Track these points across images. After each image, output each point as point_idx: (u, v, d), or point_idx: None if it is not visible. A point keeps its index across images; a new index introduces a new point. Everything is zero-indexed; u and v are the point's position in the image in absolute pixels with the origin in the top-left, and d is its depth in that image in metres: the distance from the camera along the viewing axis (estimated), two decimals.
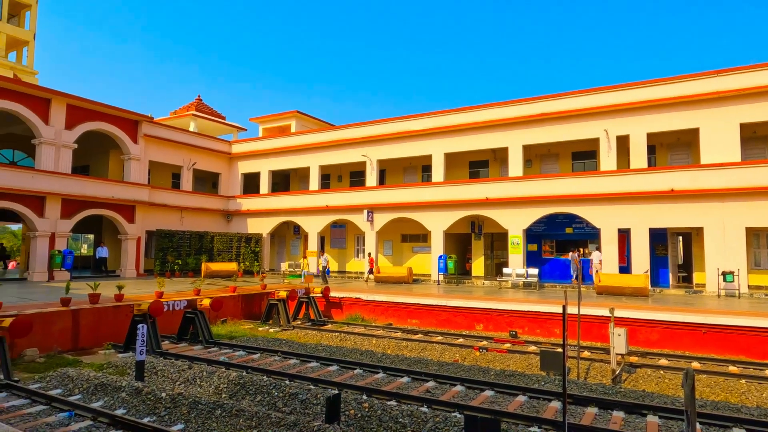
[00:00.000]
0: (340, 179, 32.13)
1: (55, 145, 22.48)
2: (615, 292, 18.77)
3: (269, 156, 31.39)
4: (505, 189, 23.29)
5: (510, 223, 23.11)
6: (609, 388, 9.86)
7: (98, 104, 24.17)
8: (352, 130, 28.58)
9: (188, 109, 35.56)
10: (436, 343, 14.26)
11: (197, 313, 14.06)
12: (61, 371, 10.13)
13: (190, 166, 29.51)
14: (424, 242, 27.89)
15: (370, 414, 7.89)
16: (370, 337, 15.18)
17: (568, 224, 24.38)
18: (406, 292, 19.38)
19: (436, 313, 17.32)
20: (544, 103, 23.02)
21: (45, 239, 21.85)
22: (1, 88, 20.83)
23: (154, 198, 26.73)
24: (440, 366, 11.85)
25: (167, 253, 26.04)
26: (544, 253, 25.39)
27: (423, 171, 28.90)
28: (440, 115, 25.73)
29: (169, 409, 8.07)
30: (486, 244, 27.15)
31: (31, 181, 21.29)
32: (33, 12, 31.19)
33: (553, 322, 15.32)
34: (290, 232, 32.83)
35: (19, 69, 30.03)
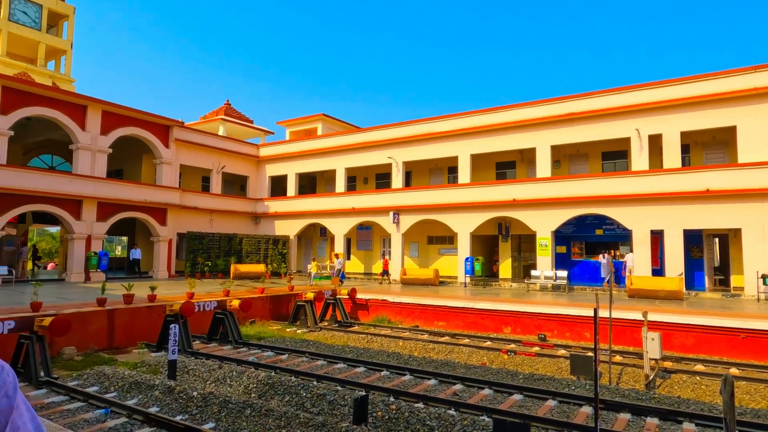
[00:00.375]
0: (365, 181, 32.25)
1: (91, 150, 23.24)
2: (648, 295, 18.29)
3: (296, 159, 31.74)
4: (532, 190, 22.98)
5: (538, 224, 22.78)
6: (642, 394, 9.61)
7: (131, 110, 24.90)
8: (378, 132, 28.66)
9: (217, 114, 36.28)
10: (463, 346, 14.16)
11: (227, 314, 14.31)
12: (97, 369, 10.45)
13: (219, 170, 30.08)
14: (451, 244, 27.74)
15: (397, 416, 7.89)
16: (396, 339, 15.17)
17: (599, 226, 23.88)
18: (432, 294, 19.30)
19: (463, 316, 17.19)
20: (572, 102, 22.64)
21: (82, 241, 22.59)
22: (41, 96, 21.68)
23: (185, 201, 27.34)
24: (467, 369, 11.76)
25: (197, 254, 26.60)
26: (574, 255, 24.92)
27: (449, 172, 28.76)
28: (466, 116, 25.57)
29: (201, 407, 8.23)
30: (513, 245, 26.83)
31: (69, 185, 22.05)
32: (70, 22, 32.35)
33: (583, 326, 15.03)
34: (317, 234, 33.10)
35: (57, 77, 31.17)
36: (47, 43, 30.91)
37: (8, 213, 20.29)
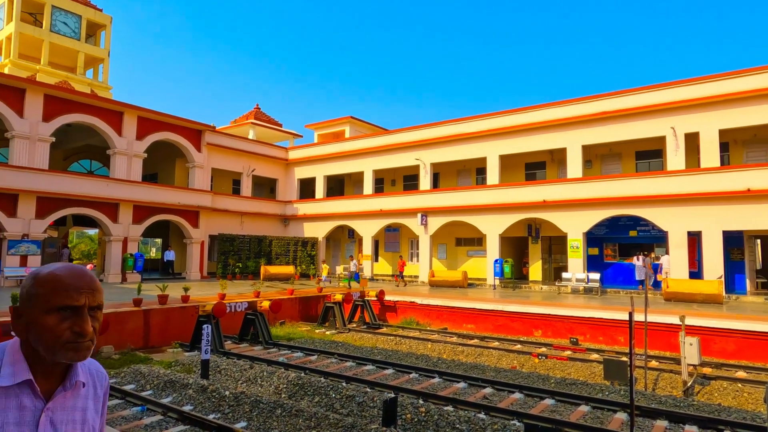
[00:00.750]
0: (393, 183, 32.27)
1: (127, 155, 23.98)
2: (685, 298, 17.71)
3: (324, 161, 32.02)
4: (563, 191, 22.56)
5: (569, 226, 22.34)
6: (680, 401, 9.31)
7: (165, 115, 25.58)
8: (406, 134, 28.65)
9: (247, 118, 36.93)
10: (493, 349, 14.00)
11: (257, 315, 14.53)
12: (133, 368, 10.76)
13: (249, 173, 30.60)
14: (479, 246, 27.48)
15: (426, 419, 7.85)
16: (425, 342, 15.12)
17: (632, 227, 23.26)
18: (461, 297, 19.16)
19: (493, 318, 17.00)
20: (605, 101, 22.14)
21: (118, 243, 23.32)
22: (81, 103, 22.50)
23: (217, 204, 27.90)
24: (497, 372, 11.63)
25: (228, 256, 27.10)
26: (606, 257, 24.35)
27: (477, 173, 28.51)
28: (495, 117, 25.31)
29: (233, 407, 8.37)
30: (544, 247, 26.39)
31: (106, 189, 22.80)
32: (107, 32, 33.48)
33: (616, 330, 14.66)
34: (345, 235, 33.30)
35: (95, 85, 32.29)
36: (86, 52, 32.04)
37: (50, 216, 21.11)
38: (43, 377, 1.25)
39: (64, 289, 1.22)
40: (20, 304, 1.26)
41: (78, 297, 1.23)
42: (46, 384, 1.26)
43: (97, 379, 1.42)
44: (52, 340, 1.21)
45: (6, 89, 20.20)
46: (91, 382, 1.39)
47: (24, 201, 20.22)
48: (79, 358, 1.25)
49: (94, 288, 1.27)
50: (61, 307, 1.21)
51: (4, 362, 1.22)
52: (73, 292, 1.22)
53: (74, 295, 1.22)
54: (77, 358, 1.24)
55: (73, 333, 1.22)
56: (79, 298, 1.23)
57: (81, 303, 1.23)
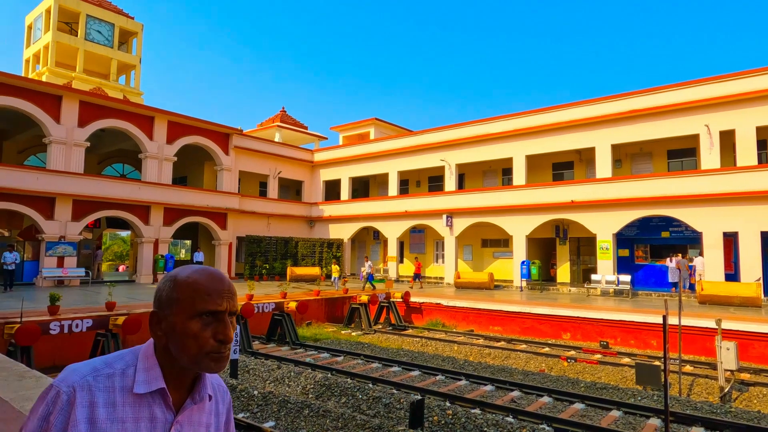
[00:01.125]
0: (418, 184, 32.21)
1: (158, 159, 24.58)
2: (720, 301, 17.15)
3: (349, 163, 32.18)
4: (592, 191, 22.13)
5: (598, 227, 21.90)
6: (717, 407, 9.02)
7: (194, 119, 26.13)
8: (430, 135, 28.56)
9: (273, 121, 37.41)
10: (521, 352, 13.82)
11: (284, 315, 14.69)
12: None
13: (275, 175, 30.98)
14: (506, 247, 27.18)
15: (453, 421, 7.81)
16: (451, 344, 15.03)
17: (665, 228, 22.66)
18: (487, 299, 18.98)
19: (520, 321, 16.79)
20: (635, 99, 21.64)
21: (150, 245, 23.91)
22: (114, 109, 23.17)
23: (244, 206, 28.34)
24: (525, 375, 11.47)
25: (256, 257, 27.48)
26: (637, 259, 23.77)
27: (503, 174, 28.22)
28: (521, 117, 25.01)
29: (261, 406, 8.48)
30: (572, 249, 25.93)
31: (138, 192, 23.41)
32: (139, 39, 34.42)
33: (648, 333, 14.29)
34: (370, 237, 33.38)
35: (127, 90, 33.22)
36: (118, 59, 33.01)
37: (86, 218, 21.79)
38: (173, 387, 1.18)
39: (207, 294, 1.16)
40: (160, 309, 1.18)
41: (220, 302, 1.17)
42: (175, 394, 1.18)
43: (220, 394, 1.33)
44: (196, 348, 1.13)
45: (44, 96, 20.95)
46: (215, 397, 1.30)
47: (61, 204, 20.93)
48: (220, 368, 1.17)
49: (233, 292, 1.21)
50: (204, 312, 1.15)
51: (139, 368, 1.15)
52: (215, 296, 1.16)
53: (217, 300, 1.17)
54: (218, 368, 1.17)
55: (216, 341, 1.15)
56: (222, 302, 1.17)
57: (223, 308, 1.17)
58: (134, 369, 1.14)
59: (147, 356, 1.17)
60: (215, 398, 1.29)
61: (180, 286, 1.17)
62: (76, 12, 30.84)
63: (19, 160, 25.16)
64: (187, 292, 1.16)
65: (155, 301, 1.21)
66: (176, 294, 1.17)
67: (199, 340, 1.13)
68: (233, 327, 1.21)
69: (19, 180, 19.70)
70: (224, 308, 1.17)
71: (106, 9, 32.47)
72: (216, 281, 1.19)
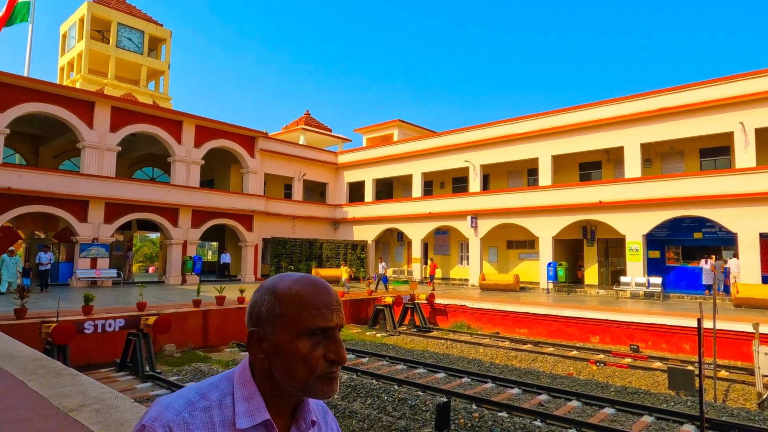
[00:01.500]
0: (442, 186, 32.08)
1: (186, 162, 25.10)
2: (757, 304, 16.56)
3: (373, 165, 32.26)
4: (621, 191, 21.66)
5: (627, 228, 21.42)
6: (754, 414, 8.71)
7: (221, 123, 26.60)
8: (454, 135, 28.43)
9: (298, 124, 37.80)
10: (548, 355, 13.62)
11: None
12: (194, 366, 11.22)
13: (300, 177, 31.28)
14: (532, 249, 26.83)
15: (480, 424, 7.74)
16: (476, 346, 14.90)
17: (697, 228, 22.02)
18: (513, 301, 18.77)
19: (547, 323, 16.54)
20: (665, 96, 21.11)
21: (179, 246, 24.41)
22: (144, 114, 23.78)
23: (269, 208, 28.69)
24: (552, 379, 11.29)
25: (281, 259, 27.79)
26: (668, 261, 23.16)
27: (529, 175, 27.88)
28: (547, 116, 24.67)
29: None
30: (600, 250, 25.42)
31: (167, 194, 23.94)
32: (168, 45, 35.25)
33: (681, 337, 13.90)
34: (394, 238, 33.38)
35: (156, 96, 34.04)
36: (148, 65, 33.84)
37: (117, 221, 22.40)
38: (275, 414, 1.03)
39: (315, 308, 1.01)
40: (259, 327, 1.02)
41: (330, 316, 1.02)
42: (279, 422, 1.04)
43: (321, 414, 1.17)
44: (307, 371, 0.98)
45: (78, 103, 21.63)
46: (318, 420, 1.14)
47: (94, 207, 21.56)
48: (332, 392, 1.02)
49: (340, 304, 1.06)
50: (314, 330, 1.00)
51: (237, 397, 1.00)
52: (324, 310, 1.02)
53: (326, 315, 1.02)
54: (331, 392, 1.01)
55: (328, 362, 1.00)
56: (332, 317, 1.02)
57: (334, 323, 1.03)
58: (231, 399, 1.01)
59: (244, 383, 1.02)
60: (318, 422, 1.13)
61: (283, 299, 1.02)
62: (108, 20, 31.77)
63: (55, 165, 26.02)
64: (292, 306, 1.01)
65: (252, 318, 1.05)
66: (279, 309, 1.01)
67: (309, 362, 0.99)
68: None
69: (55, 184, 20.39)
70: (335, 323, 1.03)
71: (137, 17, 33.34)
72: (322, 293, 1.04)
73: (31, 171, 20.66)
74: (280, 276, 1.07)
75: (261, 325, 1.02)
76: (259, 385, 1.03)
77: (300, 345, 0.99)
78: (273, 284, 1.05)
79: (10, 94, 19.68)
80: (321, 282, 1.06)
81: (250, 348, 1.03)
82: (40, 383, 5.68)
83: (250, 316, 1.05)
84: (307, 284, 1.05)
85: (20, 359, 6.98)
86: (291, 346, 0.99)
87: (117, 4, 33.06)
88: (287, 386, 1.01)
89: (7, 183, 19.05)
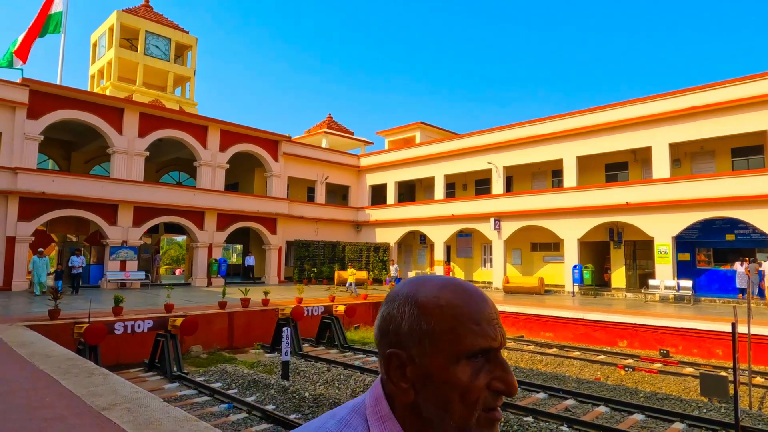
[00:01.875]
0: (465, 188, 31.89)
1: (211, 166, 25.54)
2: None
3: (395, 167, 32.27)
4: (649, 192, 21.18)
5: (656, 230, 20.92)
6: None
7: (245, 128, 26.99)
8: (477, 137, 28.24)
9: (320, 128, 38.10)
10: (574, 359, 13.39)
11: (333, 319, 14.88)
12: (220, 367, 11.37)
13: (323, 180, 31.49)
14: (556, 251, 26.42)
15: (505, 429, 7.65)
16: None
17: (729, 230, 21.37)
18: (537, 304, 18.52)
19: (573, 327, 16.26)
20: (694, 95, 20.57)
21: (204, 249, 24.83)
22: (171, 120, 24.30)
23: (293, 211, 28.95)
24: (579, 383, 11.09)
25: (304, 261, 27.99)
26: (699, 263, 22.52)
27: (553, 176, 27.49)
28: (571, 117, 24.31)
29: (312, 408, 8.60)
30: (627, 252, 24.89)
31: (193, 198, 24.39)
32: (193, 52, 36.00)
33: (713, 342, 13.49)
34: (416, 241, 33.30)
35: (183, 102, 34.75)
36: (175, 71, 34.59)
37: (146, 224, 22.91)
38: None
39: (475, 323, 0.78)
40: (400, 347, 0.80)
41: (494, 333, 0.80)
42: None
43: None
44: (467, 407, 0.77)
45: (108, 109, 22.24)
46: None
47: (123, 211, 22.10)
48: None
49: (498, 316, 0.83)
50: (475, 351, 0.78)
51: None
52: (486, 325, 0.79)
53: (489, 331, 0.79)
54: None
55: (492, 392, 0.78)
56: (496, 335, 0.80)
57: (498, 343, 0.80)
58: None
59: (382, 418, 0.80)
60: None
61: (431, 312, 0.79)
62: (136, 29, 32.59)
63: (86, 170, 26.78)
64: (445, 320, 0.78)
65: (387, 335, 0.82)
66: (427, 324, 0.78)
67: (470, 394, 0.76)
68: None
69: (86, 188, 20.98)
70: (499, 343, 0.80)
71: (164, 25, 34.13)
72: (480, 302, 0.81)
73: (63, 176, 21.32)
74: (417, 281, 0.85)
75: (403, 346, 0.80)
76: (402, 423, 0.80)
77: (459, 371, 0.77)
78: (412, 292, 0.83)
79: (45, 102, 20.35)
80: (474, 289, 0.83)
81: (390, 375, 0.81)
82: (73, 382, 5.83)
83: (383, 333, 0.83)
84: (459, 291, 0.81)
85: (55, 359, 7.19)
86: (447, 373, 0.77)
87: (145, 12, 33.91)
88: (442, 424, 0.78)
89: (42, 188, 19.69)
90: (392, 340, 0.81)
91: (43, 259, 18.29)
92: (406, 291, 0.83)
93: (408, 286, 0.84)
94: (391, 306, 0.84)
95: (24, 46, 22.74)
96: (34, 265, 18.05)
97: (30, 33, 23.10)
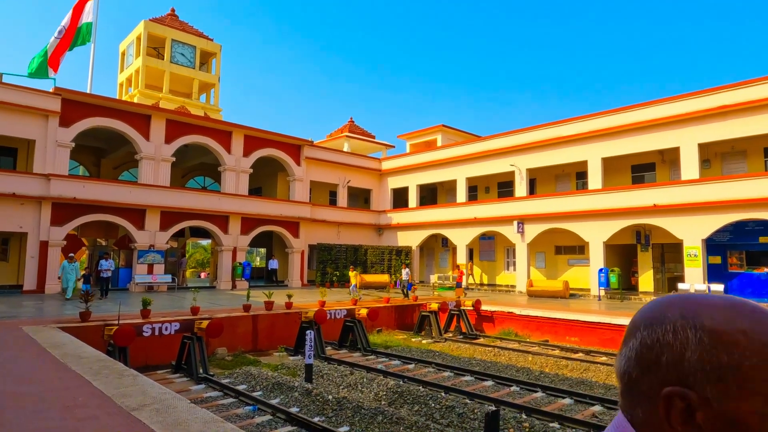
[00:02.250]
0: (487, 190, 31.65)
1: (235, 171, 25.93)
2: None
3: (416, 171, 32.24)
4: (677, 194, 20.69)
5: (685, 232, 20.41)
6: None
7: (268, 133, 27.33)
8: (499, 139, 28.02)
9: (342, 131, 38.34)
10: (601, 364, 13.12)
11: (355, 322, 14.91)
12: (245, 369, 11.51)
13: (345, 184, 31.66)
14: (581, 254, 26.00)
15: None
16: (525, 354, 14.56)
17: (763, 232, 20.71)
18: (562, 308, 18.24)
19: (600, 332, 15.95)
20: (724, 93, 20.03)
21: (229, 253, 25.20)
22: (196, 126, 24.78)
23: (315, 214, 29.17)
24: (607, 389, 10.87)
25: (326, 265, 28.16)
26: (731, 267, 21.86)
27: (577, 178, 27.08)
28: (596, 117, 23.93)
29: (336, 410, 8.64)
30: (655, 256, 24.32)
31: (218, 203, 24.79)
32: (218, 59, 36.68)
33: None
34: (438, 244, 33.18)
35: (207, 108, 35.42)
36: (200, 78, 35.29)
37: (172, 228, 23.38)
38: None
39: None
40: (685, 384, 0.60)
41: None
42: None
43: None
44: None
45: (136, 116, 22.80)
46: None
47: (150, 215, 22.60)
48: None
49: None
50: None
51: None
52: None
53: None
54: None
55: None
56: None
57: None
58: None
59: None
60: None
61: (732, 340, 0.60)
62: (163, 38, 33.38)
63: (115, 176, 27.49)
64: (757, 352, 0.59)
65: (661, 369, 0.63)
66: (730, 358, 0.59)
67: None
68: None
69: (115, 193, 21.54)
70: None
71: (189, 33, 34.87)
72: None
73: (94, 182, 21.94)
74: (692, 299, 0.65)
75: (688, 384, 0.60)
76: None
77: None
78: (691, 313, 0.63)
79: (76, 110, 20.99)
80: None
81: (672, 420, 0.61)
82: (104, 383, 5.98)
83: (648, 365, 0.64)
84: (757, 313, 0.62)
85: (86, 360, 7.38)
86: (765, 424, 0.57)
87: (171, 21, 34.71)
88: None
89: (73, 193, 20.28)
90: (668, 376, 0.62)
91: (72, 265, 18.80)
92: (680, 312, 0.64)
93: (680, 304, 0.65)
94: (659, 329, 0.64)
95: (55, 56, 23.49)
96: (63, 270, 18.58)
97: (62, 44, 23.86)
